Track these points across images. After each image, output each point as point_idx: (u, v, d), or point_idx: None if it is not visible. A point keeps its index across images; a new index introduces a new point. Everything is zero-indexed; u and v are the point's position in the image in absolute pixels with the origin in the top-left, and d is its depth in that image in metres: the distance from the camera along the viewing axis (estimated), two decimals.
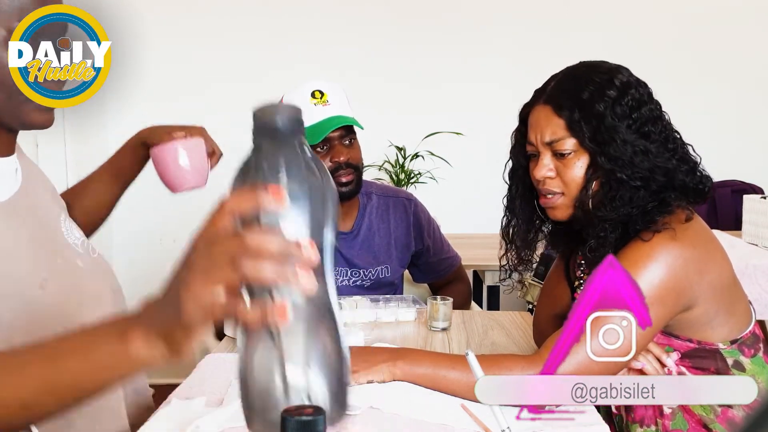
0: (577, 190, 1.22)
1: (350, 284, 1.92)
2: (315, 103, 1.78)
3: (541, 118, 1.25)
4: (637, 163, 1.17)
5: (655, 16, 3.61)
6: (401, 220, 2.01)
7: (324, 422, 0.61)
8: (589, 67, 1.25)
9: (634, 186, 1.18)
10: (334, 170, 1.82)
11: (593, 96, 1.19)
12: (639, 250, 1.16)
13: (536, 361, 1.14)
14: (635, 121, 1.18)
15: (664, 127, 1.21)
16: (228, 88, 3.54)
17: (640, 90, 1.21)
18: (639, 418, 1.27)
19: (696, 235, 1.20)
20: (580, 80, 1.22)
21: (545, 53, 3.49)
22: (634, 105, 1.19)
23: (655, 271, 1.14)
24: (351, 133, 1.84)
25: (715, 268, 1.21)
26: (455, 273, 2.12)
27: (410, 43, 3.57)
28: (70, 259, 1.10)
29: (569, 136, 1.21)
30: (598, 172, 1.20)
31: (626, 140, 1.17)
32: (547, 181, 1.25)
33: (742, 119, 3.69)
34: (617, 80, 1.21)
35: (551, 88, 1.25)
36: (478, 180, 3.58)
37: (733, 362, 1.22)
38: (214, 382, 1.21)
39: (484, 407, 1.00)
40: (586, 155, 1.21)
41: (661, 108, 1.24)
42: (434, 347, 1.48)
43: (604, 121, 1.18)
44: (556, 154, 1.23)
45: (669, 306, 1.16)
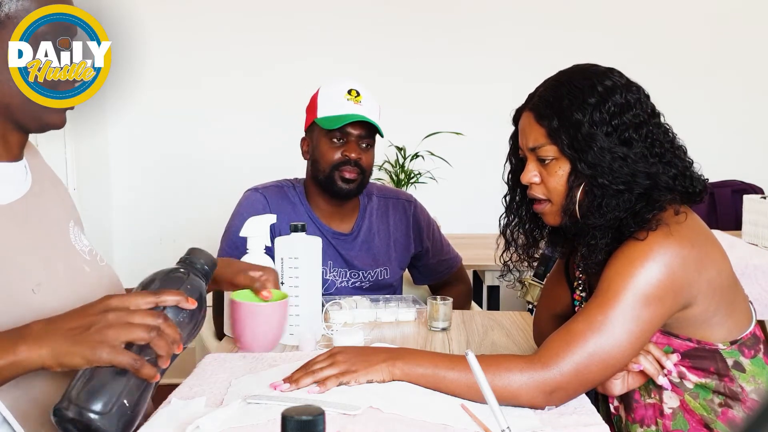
0: (561, 198, 1.23)
1: (349, 285, 1.92)
2: (348, 98, 1.83)
3: (526, 125, 1.27)
4: (616, 168, 1.17)
5: (658, 16, 3.61)
6: (401, 222, 2.01)
7: (324, 422, 0.61)
8: (575, 72, 1.26)
9: (618, 190, 1.18)
10: (341, 163, 1.82)
11: (572, 103, 1.20)
12: (635, 249, 1.16)
13: (536, 361, 1.14)
14: (615, 128, 1.18)
15: (650, 132, 1.20)
16: (228, 88, 3.55)
17: (628, 95, 1.21)
18: (639, 418, 1.27)
19: (693, 233, 1.20)
20: (561, 87, 1.23)
21: (547, 53, 3.49)
22: (616, 111, 1.19)
23: (652, 269, 1.14)
24: (370, 138, 1.87)
25: (713, 266, 1.20)
26: (455, 274, 2.12)
27: (410, 43, 3.57)
28: (75, 265, 1.10)
29: (549, 143, 1.22)
30: (580, 178, 1.21)
31: (604, 147, 1.18)
32: (534, 186, 1.27)
33: (743, 119, 3.69)
34: (601, 86, 1.21)
35: (536, 95, 1.27)
36: (478, 180, 3.58)
37: (733, 363, 1.21)
38: (214, 382, 1.21)
39: (484, 407, 1.00)
40: (566, 162, 1.22)
41: (650, 111, 1.23)
42: (434, 347, 1.48)
43: (580, 129, 1.19)
44: (540, 161, 1.24)
45: (667, 305, 1.16)
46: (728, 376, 1.21)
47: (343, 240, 1.92)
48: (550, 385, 1.13)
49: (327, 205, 1.91)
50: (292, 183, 1.96)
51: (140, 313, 0.90)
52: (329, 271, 1.89)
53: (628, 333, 1.14)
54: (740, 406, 1.21)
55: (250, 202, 1.89)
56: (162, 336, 0.89)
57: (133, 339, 0.88)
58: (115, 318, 0.89)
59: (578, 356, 1.13)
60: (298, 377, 1.14)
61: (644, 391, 1.26)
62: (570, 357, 1.13)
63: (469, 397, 1.12)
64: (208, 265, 1.05)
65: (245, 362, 1.33)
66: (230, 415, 1.03)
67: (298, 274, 1.48)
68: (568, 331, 1.16)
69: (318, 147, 1.86)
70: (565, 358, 1.13)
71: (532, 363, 1.14)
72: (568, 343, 1.15)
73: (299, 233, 1.51)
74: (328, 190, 1.87)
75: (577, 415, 1.09)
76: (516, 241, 1.38)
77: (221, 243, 1.91)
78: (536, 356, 1.15)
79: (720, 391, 1.21)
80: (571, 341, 1.15)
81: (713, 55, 3.65)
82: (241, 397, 1.10)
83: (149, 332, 0.88)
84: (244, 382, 1.20)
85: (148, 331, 0.88)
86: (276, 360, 1.34)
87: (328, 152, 1.84)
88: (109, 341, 0.87)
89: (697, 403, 1.22)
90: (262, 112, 3.54)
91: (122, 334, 0.88)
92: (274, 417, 1.01)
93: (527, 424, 1.04)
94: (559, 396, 1.13)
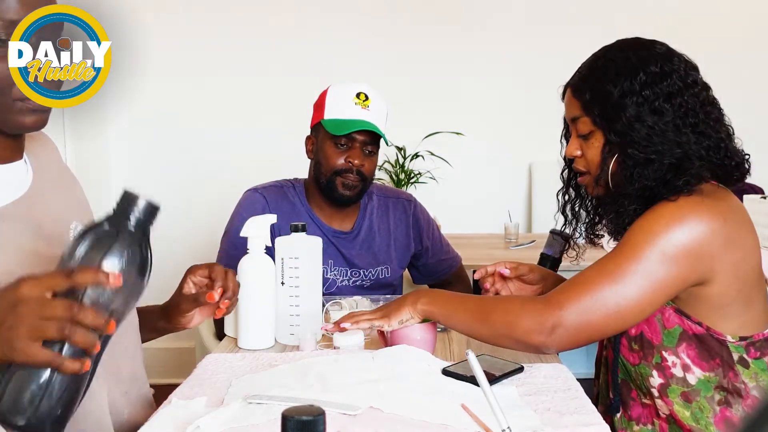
0: (597, 169, 1.27)
1: (350, 284, 1.92)
2: (356, 102, 1.84)
3: (566, 100, 1.32)
4: (645, 137, 1.19)
5: (658, 16, 3.61)
6: (401, 221, 2.01)
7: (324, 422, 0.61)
8: (613, 46, 1.29)
9: (648, 159, 1.19)
10: (344, 170, 1.83)
11: (604, 75, 1.24)
12: (665, 208, 1.18)
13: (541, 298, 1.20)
14: (646, 98, 1.20)
15: (684, 102, 1.21)
16: (229, 87, 3.55)
17: (665, 65, 1.22)
18: (636, 416, 1.27)
19: (729, 210, 1.20)
20: (597, 61, 1.28)
21: (546, 53, 3.50)
22: (648, 81, 1.21)
23: (677, 231, 1.15)
24: (375, 145, 1.88)
25: (741, 249, 1.20)
26: (455, 274, 2.12)
27: (411, 43, 3.57)
28: None
29: (584, 115, 1.27)
30: (613, 150, 1.23)
31: (632, 116, 1.20)
32: (576, 160, 1.31)
33: (743, 119, 3.68)
34: (635, 57, 1.23)
35: (576, 71, 1.31)
36: (478, 180, 3.58)
37: (739, 358, 1.20)
38: (214, 382, 1.21)
39: (484, 407, 1.00)
40: (600, 134, 1.25)
41: (689, 81, 1.23)
42: (434, 347, 1.48)
43: (610, 100, 1.22)
44: (580, 135, 1.29)
45: (684, 270, 1.15)
46: (733, 370, 1.19)
47: (343, 239, 1.92)
48: (550, 320, 1.15)
49: (327, 205, 1.91)
50: (292, 183, 1.96)
51: (51, 305, 0.81)
52: (330, 270, 1.89)
53: (639, 287, 1.14)
54: (741, 403, 1.20)
55: (249, 203, 1.89)
56: (78, 328, 0.81)
57: (46, 337, 0.81)
58: (27, 312, 0.81)
59: (583, 298, 1.15)
60: (340, 321, 1.34)
61: (640, 391, 1.26)
62: (575, 297, 1.15)
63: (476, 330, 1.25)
64: (144, 215, 0.89)
65: (245, 362, 1.33)
66: (230, 415, 1.03)
67: (299, 274, 1.48)
68: (579, 275, 1.20)
69: (322, 149, 1.86)
70: (570, 298, 1.15)
71: (536, 299, 1.21)
72: (576, 285, 1.17)
73: (299, 233, 1.51)
74: (329, 195, 1.87)
75: (577, 415, 1.09)
76: (576, 218, 1.41)
77: (221, 243, 1.91)
78: (543, 295, 1.20)
79: (723, 387, 1.20)
80: (579, 284, 1.17)
81: (713, 56, 3.64)
82: (242, 397, 1.10)
83: (61, 327, 0.80)
84: (244, 382, 1.20)
85: (59, 326, 0.80)
86: (276, 360, 1.34)
87: (332, 156, 1.84)
88: (21, 340, 0.80)
89: (689, 413, 1.20)
90: (262, 112, 3.54)
91: (34, 333, 0.80)
92: (275, 417, 1.01)
93: (527, 424, 1.04)
94: (559, 335, 1.15)
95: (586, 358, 3.51)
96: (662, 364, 1.21)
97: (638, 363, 1.23)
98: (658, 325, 1.21)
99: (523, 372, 1.26)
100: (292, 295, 1.47)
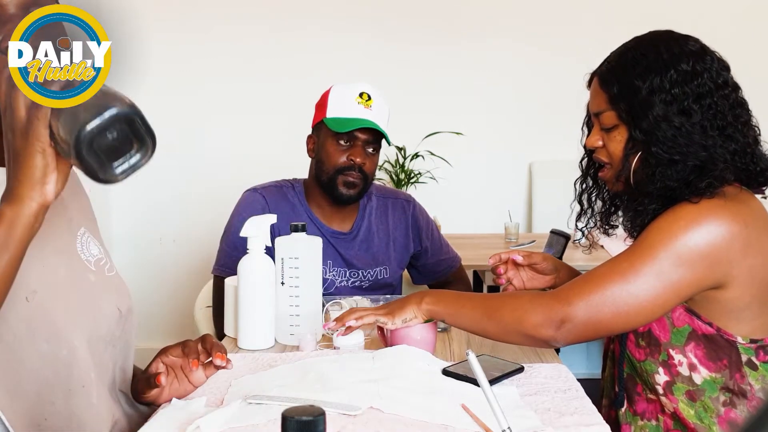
0: (619, 164, 1.24)
1: (349, 285, 1.92)
2: (359, 102, 1.83)
3: (592, 90, 1.29)
4: (670, 138, 1.16)
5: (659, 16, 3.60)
6: (400, 221, 2.01)
7: (324, 423, 0.61)
8: (645, 38, 1.26)
9: (672, 160, 1.17)
10: (346, 168, 1.83)
11: (634, 70, 1.20)
12: (684, 209, 1.16)
13: (550, 293, 1.20)
14: (675, 97, 1.17)
15: (713, 103, 1.18)
16: (228, 87, 3.55)
17: (697, 64, 1.19)
18: (641, 411, 1.26)
19: (751, 215, 1.18)
20: (627, 53, 1.24)
21: (546, 53, 3.50)
22: (678, 79, 1.18)
23: (695, 233, 1.13)
24: (377, 144, 1.87)
25: (761, 254, 1.17)
26: (455, 274, 2.12)
27: (410, 43, 3.57)
28: (79, 273, 1.08)
29: (610, 108, 1.23)
30: (637, 146, 1.21)
31: (659, 115, 1.17)
32: (598, 150, 1.28)
33: None
34: (667, 53, 1.20)
35: (606, 60, 1.28)
36: (478, 180, 3.58)
37: (747, 360, 1.18)
38: (214, 382, 1.21)
39: (484, 407, 1.00)
40: (625, 129, 1.22)
41: (720, 82, 1.20)
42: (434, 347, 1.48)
43: (638, 96, 1.19)
44: (602, 127, 1.26)
45: (699, 274, 1.14)
46: (740, 371, 1.18)
47: (342, 239, 1.92)
48: (559, 314, 1.14)
49: (327, 204, 1.91)
50: (291, 183, 1.96)
51: None
52: (329, 271, 1.89)
53: (650, 287, 1.13)
54: (746, 404, 1.19)
55: (248, 203, 1.89)
56: None
57: None
58: None
59: (593, 294, 1.14)
60: (342, 317, 1.33)
61: (645, 386, 1.25)
62: (585, 293, 1.15)
63: (484, 326, 1.25)
64: None
65: (245, 362, 1.33)
66: (230, 415, 1.03)
67: (299, 274, 1.48)
68: (591, 271, 1.19)
69: (324, 147, 1.86)
70: (579, 293, 1.15)
71: (545, 294, 1.21)
72: (587, 281, 1.17)
73: (299, 233, 1.51)
74: (330, 194, 1.87)
75: (578, 415, 1.09)
76: (592, 207, 1.38)
77: (221, 244, 1.91)
78: (552, 290, 1.21)
79: (728, 388, 1.19)
80: (590, 280, 1.16)
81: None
82: (242, 398, 1.10)
83: None
84: (244, 383, 1.20)
85: None
86: (276, 360, 1.34)
87: (334, 154, 1.84)
88: None
89: (693, 411, 1.20)
90: (262, 112, 3.54)
91: None
92: (274, 417, 1.01)
93: (528, 425, 1.04)
94: (567, 330, 1.14)
95: (587, 358, 3.52)
96: (669, 362, 1.20)
97: (644, 359, 1.23)
98: (667, 322, 1.20)
99: (524, 372, 1.26)
100: (292, 295, 1.47)
